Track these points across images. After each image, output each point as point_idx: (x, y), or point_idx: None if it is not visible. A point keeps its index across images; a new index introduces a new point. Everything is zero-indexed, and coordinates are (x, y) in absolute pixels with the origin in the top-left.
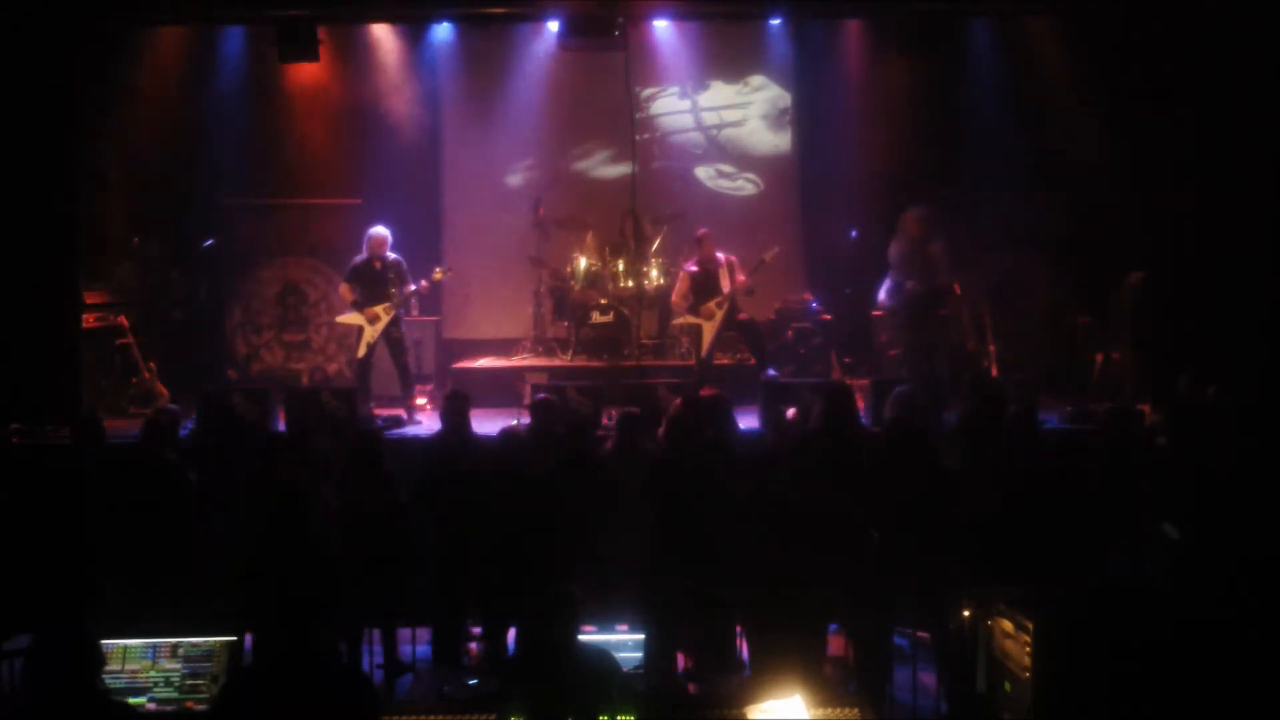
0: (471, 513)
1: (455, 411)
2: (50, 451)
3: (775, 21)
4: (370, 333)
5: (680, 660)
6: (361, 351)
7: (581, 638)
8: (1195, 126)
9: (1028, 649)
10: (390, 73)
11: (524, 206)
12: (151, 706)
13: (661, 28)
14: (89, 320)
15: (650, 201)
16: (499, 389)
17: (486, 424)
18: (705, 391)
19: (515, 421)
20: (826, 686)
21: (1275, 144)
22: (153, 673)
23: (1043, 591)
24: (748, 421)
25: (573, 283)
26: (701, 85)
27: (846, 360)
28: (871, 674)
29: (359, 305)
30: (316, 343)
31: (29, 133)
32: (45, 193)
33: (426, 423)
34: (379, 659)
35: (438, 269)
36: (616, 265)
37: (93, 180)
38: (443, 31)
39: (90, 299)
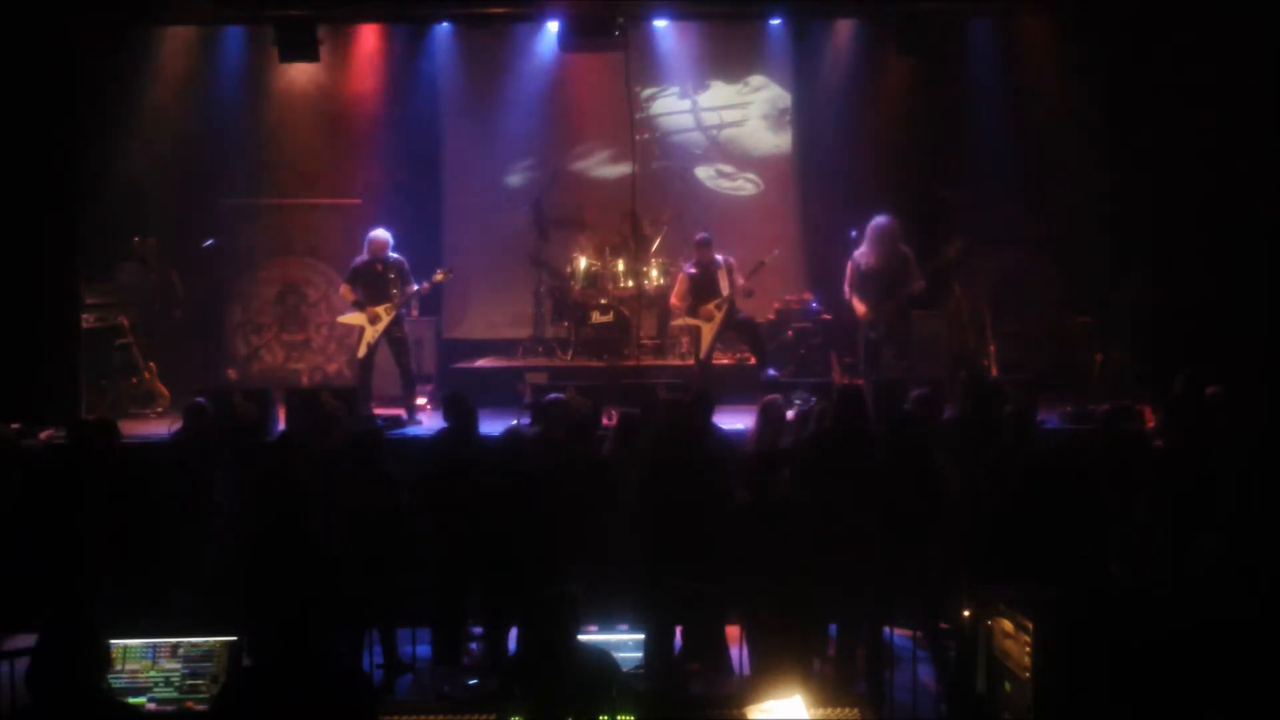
0: (472, 512)
1: (460, 416)
2: (50, 451)
3: (775, 21)
4: (371, 333)
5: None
6: (362, 351)
7: (581, 638)
8: (1195, 125)
9: (1028, 649)
10: (390, 73)
11: (524, 206)
12: (151, 706)
13: (661, 28)
14: (89, 320)
15: (650, 201)
16: (499, 389)
17: (486, 424)
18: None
19: (516, 421)
20: (826, 686)
21: (1275, 143)
22: (153, 673)
23: (1043, 591)
24: (748, 421)
25: (573, 283)
26: (701, 85)
27: (846, 360)
28: (871, 674)
29: (360, 305)
30: (316, 343)
31: (29, 132)
32: (46, 192)
33: (427, 423)
34: (379, 659)
35: (439, 271)
36: (616, 265)
37: (93, 180)
38: (443, 31)
39: (90, 299)
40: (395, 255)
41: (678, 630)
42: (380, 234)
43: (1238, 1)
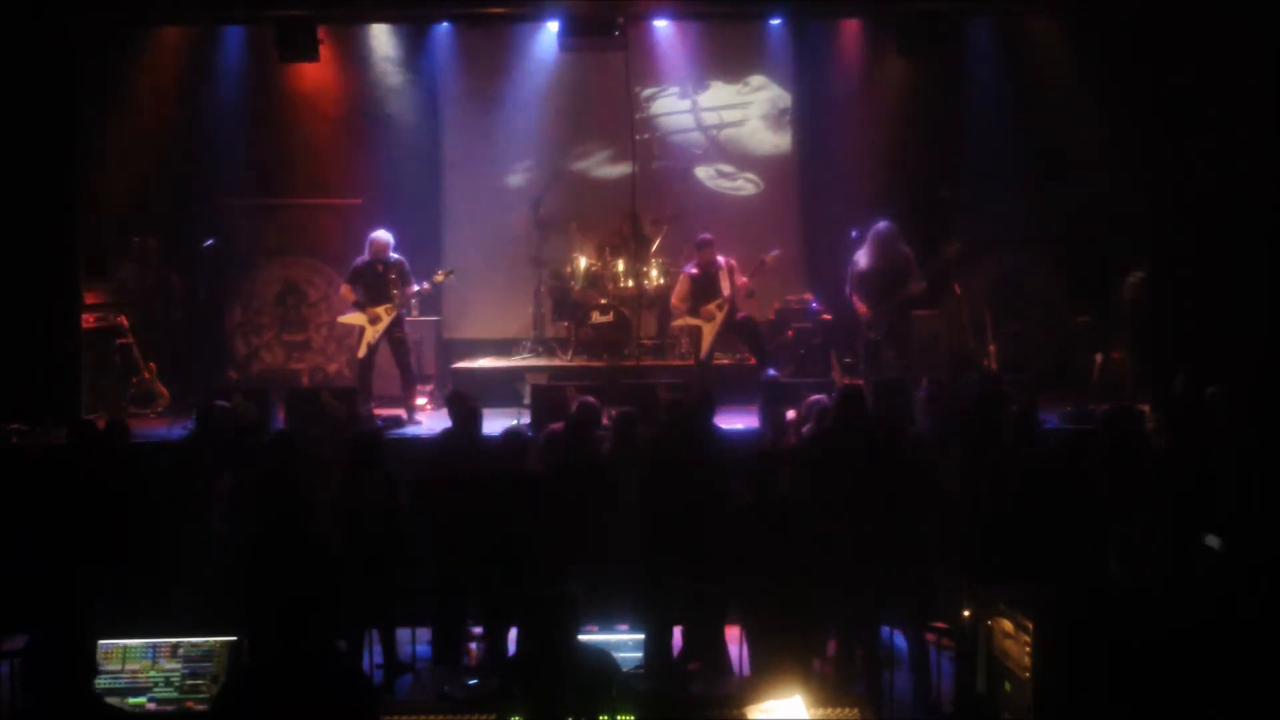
0: (472, 512)
1: (464, 415)
2: (50, 451)
3: (775, 21)
4: (371, 333)
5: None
6: (362, 352)
7: (582, 638)
8: (1195, 125)
9: (1028, 649)
10: (390, 73)
11: (524, 206)
12: (151, 706)
13: (661, 28)
14: (89, 320)
15: (650, 201)
16: (499, 389)
17: (486, 424)
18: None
19: (516, 421)
20: (826, 686)
21: (1275, 143)
22: (153, 673)
23: (1043, 591)
24: (748, 421)
25: (573, 283)
26: (701, 85)
27: (846, 360)
28: (871, 674)
29: (361, 305)
30: (316, 343)
31: (29, 132)
32: (45, 192)
33: (427, 423)
34: (379, 659)
35: (439, 271)
36: (616, 265)
37: (93, 180)
38: (443, 31)
39: (90, 299)
40: (396, 256)
41: (678, 630)
42: (381, 235)
43: (1238, 1)
